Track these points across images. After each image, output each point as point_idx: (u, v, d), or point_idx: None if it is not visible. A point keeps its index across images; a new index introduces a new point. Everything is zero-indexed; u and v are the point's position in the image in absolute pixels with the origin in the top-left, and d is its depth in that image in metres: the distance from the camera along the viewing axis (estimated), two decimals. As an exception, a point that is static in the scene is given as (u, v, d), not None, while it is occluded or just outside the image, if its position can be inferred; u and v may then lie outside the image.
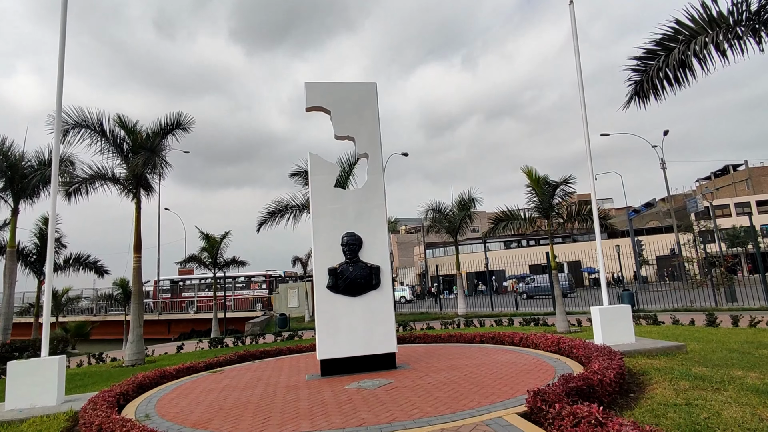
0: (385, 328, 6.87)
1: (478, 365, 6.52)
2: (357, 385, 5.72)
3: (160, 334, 34.81)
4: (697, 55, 9.25)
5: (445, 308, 27.46)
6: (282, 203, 17.07)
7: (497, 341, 8.71)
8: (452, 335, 9.64)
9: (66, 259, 23.33)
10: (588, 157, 8.75)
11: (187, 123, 14.83)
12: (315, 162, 7.20)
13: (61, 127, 13.34)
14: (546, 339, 7.46)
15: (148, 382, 6.80)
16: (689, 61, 9.44)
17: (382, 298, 6.95)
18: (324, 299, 6.82)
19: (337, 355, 6.69)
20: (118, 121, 14.11)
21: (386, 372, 6.57)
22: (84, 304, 38.29)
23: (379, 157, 7.36)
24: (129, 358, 13.27)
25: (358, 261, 6.97)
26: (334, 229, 7.03)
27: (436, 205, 24.27)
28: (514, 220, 13.91)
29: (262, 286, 37.60)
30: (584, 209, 13.36)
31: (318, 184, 7.14)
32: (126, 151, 14.22)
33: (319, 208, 7.08)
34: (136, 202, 14.32)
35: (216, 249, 24.64)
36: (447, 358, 7.43)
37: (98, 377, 11.30)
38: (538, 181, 13.43)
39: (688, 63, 9.48)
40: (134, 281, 14.07)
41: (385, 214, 7.22)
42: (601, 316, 7.65)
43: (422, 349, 8.75)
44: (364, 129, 7.36)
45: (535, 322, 15.28)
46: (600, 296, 8.52)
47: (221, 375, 7.60)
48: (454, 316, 22.30)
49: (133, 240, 14.20)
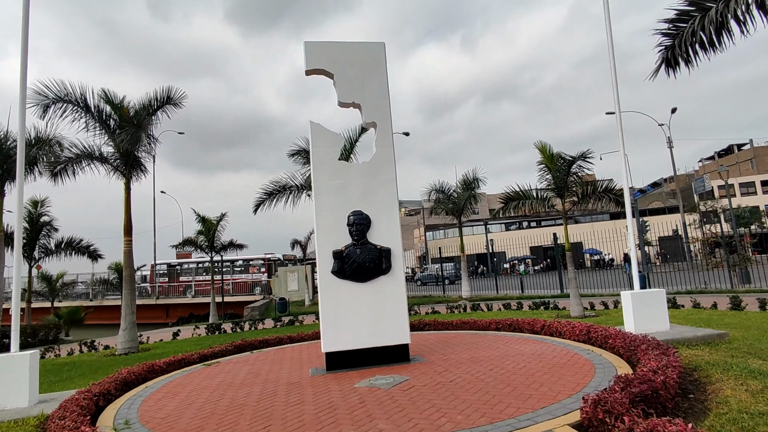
0: (396, 316, 6.17)
1: (502, 357, 5.84)
2: (368, 383, 5.03)
3: (158, 319, 34.34)
4: (737, 16, 8.40)
5: (448, 291, 26.90)
6: (280, 183, 16.24)
7: (515, 329, 8.04)
8: (465, 322, 8.98)
9: (58, 243, 22.60)
10: (618, 128, 7.96)
11: (178, 98, 13.94)
12: (317, 132, 6.39)
13: (41, 101, 12.51)
14: (573, 327, 6.78)
15: (134, 378, 6.11)
16: (727, 23, 8.59)
17: (393, 284, 6.24)
18: (328, 285, 6.10)
19: (344, 347, 6.00)
20: (103, 96, 13.21)
21: (399, 366, 5.89)
22: (81, 288, 37.72)
23: (389, 126, 6.55)
24: (121, 346, 12.64)
25: (366, 243, 6.23)
26: (338, 208, 6.27)
27: (440, 186, 23.50)
28: (526, 199, 13.15)
29: (260, 269, 37.02)
30: (600, 186, 12.60)
31: (320, 156, 6.35)
32: (113, 128, 13.35)
33: (321, 183, 6.30)
34: (125, 183, 13.51)
35: (212, 232, 23.89)
36: (464, 348, 6.76)
37: (87, 368, 10.67)
38: (552, 157, 12.63)
39: (726, 24, 8.62)
40: (125, 266, 13.35)
41: (395, 191, 6.45)
42: (633, 301, 6.96)
43: (434, 337, 8.08)
44: (371, 95, 6.53)
45: (545, 306, 14.67)
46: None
47: (216, 369, 6.93)
48: (458, 299, 21.71)
49: (123, 223, 13.44)
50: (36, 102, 12.25)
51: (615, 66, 7.90)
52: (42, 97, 12.26)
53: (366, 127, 6.58)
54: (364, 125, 6.61)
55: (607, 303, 13.77)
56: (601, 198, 12.61)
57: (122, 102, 13.38)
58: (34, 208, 21.64)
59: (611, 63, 7.94)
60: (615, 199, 12.45)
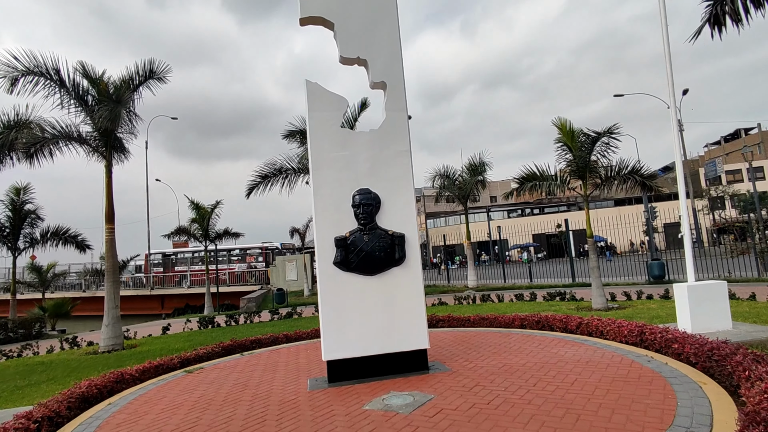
0: (413, 316, 5.10)
1: (542, 366, 4.79)
2: (382, 404, 3.98)
3: (153, 310, 33.41)
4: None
5: (453, 280, 25.90)
6: (275, 166, 15.05)
7: (544, 326, 6.99)
8: (484, 318, 7.93)
9: (44, 233, 21.47)
10: (671, 97, 6.84)
11: (162, 72, 12.73)
12: (315, 93, 5.24)
13: (9, 73, 11.28)
14: (619, 326, 5.72)
15: (95, 392, 5.05)
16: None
17: (408, 277, 5.15)
18: (330, 280, 5.02)
19: (349, 354, 4.94)
20: (80, 69, 11.98)
21: (417, 377, 4.84)
22: (73, 279, 36.71)
23: (402, 86, 5.40)
24: (104, 343, 11.62)
25: (375, 228, 5.13)
26: (341, 185, 5.16)
27: (445, 171, 22.36)
28: (544, 180, 12.02)
29: (258, 258, 36.02)
30: (626, 167, 11.46)
31: (319, 122, 5.21)
32: (91, 104, 12.15)
33: (321, 156, 5.18)
34: (105, 165, 12.35)
35: (207, 220, 22.78)
36: (491, 352, 5.71)
37: (62, 369, 9.63)
38: (573, 134, 11.49)
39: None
40: (107, 256, 12.25)
41: (410, 164, 5.33)
42: (690, 295, 5.90)
43: (450, 336, 7.04)
44: (380, 48, 5.38)
45: (561, 297, 13.66)
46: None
47: (198, 377, 5.87)
48: (464, 289, 20.72)
49: (105, 209, 12.31)
50: (3, 73, 11.04)
51: (666, 22, 6.74)
52: (9, 69, 11.04)
53: (373, 87, 5.44)
54: (372, 85, 5.46)
55: (629, 293, 12.75)
56: (627, 180, 11.49)
57: (102, 76, 12.17)
58: (16, 196, 20.49)
59: (662, 21, 6.77)
60: (642, 181, 11.33)
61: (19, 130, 13.82)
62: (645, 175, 11.33)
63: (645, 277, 17.77)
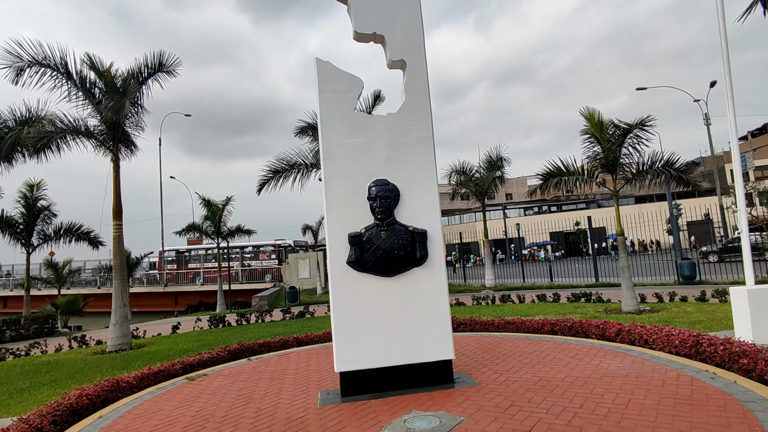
0: (436, 323, 4.53)
1: (586, 381, 4.18)
2: (403, 429, 3.42)
3: (167, 307, 33.39)
4: None
5: (469, 279, 25.21)
6: (287, 161, 14.56)
7: (578, 332, 6.36)
8: (509, 322, 7.31)
9: (57, 229, 21.40)
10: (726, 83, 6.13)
11: (171, 65, 12.31)
12: (326, 72, 4.69)
13: (14, 62, 10.97)
14: (668, 335, 5.06)
15: (86, 402, 4.60)
16: None
17: (430, 279, 4.58)
18: (342, 281, 4.47)
19: (365, 365, 4.39)
20: (87, 60, 11.64)
21: (441, 392, 4.27)
22: (88, 275, 36.93)
23: (423, 64, 4.82)
24: (112, 343, 11.28)
25: (393, 223, 4.57)
26: (355, 176, 4.61)
27: (461, 167, 21.65)
28: (569, 175, 11.30)
29: (271, 256, 35.73)
30: (659, 160, 10.68)
31: (330, 105, 4.66)
32: (98, 97, 11.81)
33: (333, 143, 4.63)
34: (112, 160, 12.01)
35: (218, 216, 22.47)
36: (522, 361, 5.11)
37: (68, 369, 9.30)
38: (602, 126, 10.76)
39: None
40: (115, 253, 11.92)
41: (433, 152, 4.75)
42: (751, 300, 5.21)
43: (474, 342, 6.45)
44: (398, 22, 4.81)
45: (586, 298, 12.93)
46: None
47: (200, 386, 5.39)
48: (481, 288, 20.05)
49: (112, 205, 11.98)
50: (8, 63, 10.74)
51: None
52: (15, 58, 10.74)
53: (392, 66, 4.87)
54: (390, 64, 4.89)
55: (660, 295, 11.97)
56: (660, 174, 10.71)
57: (109, 68, 11.82)
58: (30, 192, 20.44)
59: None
60: (678, 175, 10.54)
61: (30, 126, 13.61)
62: (681, 168, 10.54)
63: (673, 277, 16.91)
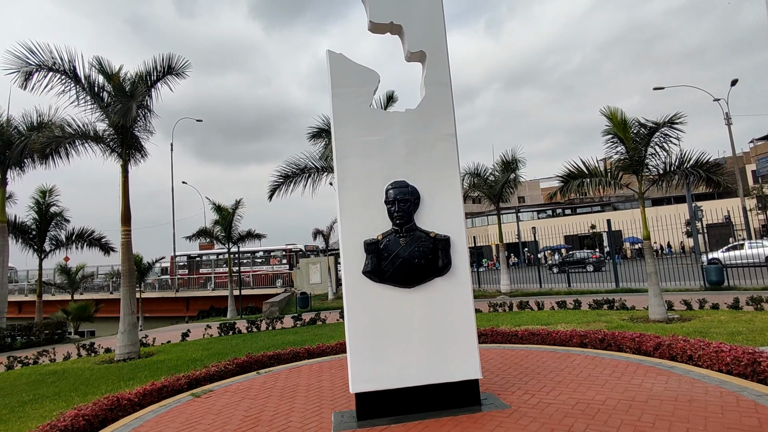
0: (460, 339, 4.11)
1: (630, 406, 3.72)
2: (429, 463, 3.01)
3: (178, 312, 33.37)
4: None
5: (483, 284, 24.65)
6: (298, 165, 14.24)
7: (611, 345, 5.88)
8: (534, 333, 6.85)
9: (69, 235, 21.41)
10: None
11: (181, 68, 12.10)
12: (339, 66, 4.33)
13: (22, 66, 10.83)
14: (717, 351, 4.57)
15: (82, 424, 4.26)
16: None
17: (454, 290, 4.17)
18: (358, 293, 4.08)
19: (382, 385, 3.99)
20: (96, 64, 11.46)
21: (467, 416, 3.85)
22: (101, 281, 37.12)
23: (445, 56, 4.43)
24: (120, 351, 11.02)
25: (413, 229, 4.18)
26: (371, 177, 4.23)
27: (475, 169, 21.19)
28: (592, 176, 10.80)
29: (282, 261, 35.52)
30: (688, 160, 10.13)
31: (344, 101, 4.29)
32: (107, 101, 11.63)
33: (346, 141, 4.25)
34: (121, 165, 11.79)
35: (229, 221, 22.29)
36: (554, 380, 4.66)
37: (74, 380, 9.02)
38: (625, 125, 10.26)
39: None
40: (123, 259, 11.67)
41: (456, 150, 4.35)
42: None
43: (498, 356, 6.01)
44: (417, 10, 4.43)
45: (609, 305, 12.37)
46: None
47: (205, 404, 5.03)
48: (496, 294, 19.53)
49: (121, 210, 11.74)
50: (16, 67, 10.61)
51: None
52: (23, 63, 10.60)
53: (410, 59, 4.49)
54: (408, 57, 4.51)
55: (689, 302, 11.36)
56: (689, 175, 10.16)
57: (118, 72, 11.63)
58: (42, 198, 20.47)
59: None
60: (707, 176, 9.98)
61: (40, 131, 13.53)
62: (711, 169, 9.98)
63: (698, 282, 16.24)
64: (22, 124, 16.92)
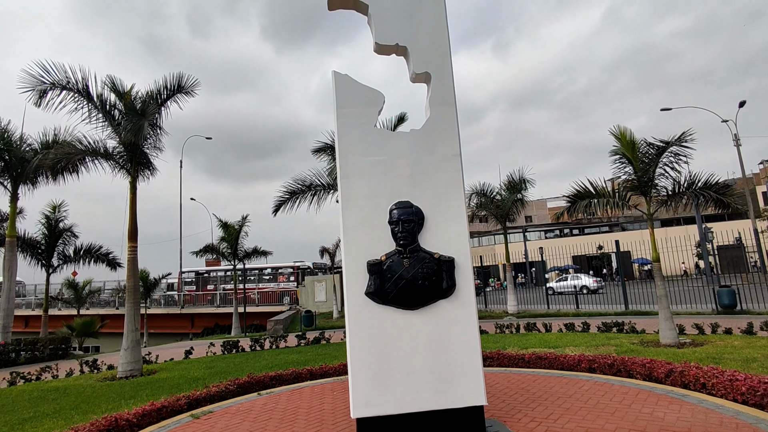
0: (464, 363, 4.02)
1: (641, 437, 3.59)
2: (431, 495, 2.89)
3: (183, 329, 33.23)
4: None
5: (489, 304, 24.35)
6: (304, 182, 14.31)
7: (620, 371, 5.72)
8: (541, 357, 6.69)
9: (76, 251, 21.56)
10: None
11: (190, 86, 12.29)
12: (344, 86, 4.35)
13: (37, 85, 11.07)
14: (732, 381, 4.42)
15: (78, 445, 4.19)
16: None
17: (459, 313, 4.09)
18: (360, 314, 4.02)
19: (384, 410, 3.89)
20: (109, 83, 11.68)
21: (472, 444, 3.73)
22: (107, 296, 37.20)
23: (449, 77, 4.45)
24: (122, 368, 10.94)
25: (417, 250, 4.13)
26: (375, 197, 4.20)
27: (482, 188, 21.15)
28: (599, 197, 10.71)
29: (290, 278, 35.44)
30: (697, 181, 10.02)
31: (349, 121, 4.30)
32: (118, 118, 11.81)
33: (350, 161, 4.25)
34: (130, 182, 11.90)
35: (235, 238, 22.33)
36: (561, 407, 4.52)
37: (75, 397, 8.93)
38: (634, 145, 10.21)
39: None
40: (128, 275, 11.67)
41: (461, 172, 4.32)
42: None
43: (504, 381, 5.86)
44: (422, 32, 4.46)
45: (618, 328, 12.13)
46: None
47: (204, 426, 4.93)
48: (503, 315, 19.26)
49: (128, 227, 11.79)
50: (31, 86, 10.84)
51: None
52: (38, 81, 10.83)
53: (415, 80, 4.52)
54: (413, 78, 4.53)
55: (701, 326, 11.09)
56: (698, 196, 10.04)
57: (130, 90, 11.85)
58: (53, 213, 20.70)
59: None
60: (717, 198, 9.85)
61: (53, 148, 13.75)
62: (721, 190, 9.86)
63: (710, 306, 15.92)
64: (36, 141, 17.25)
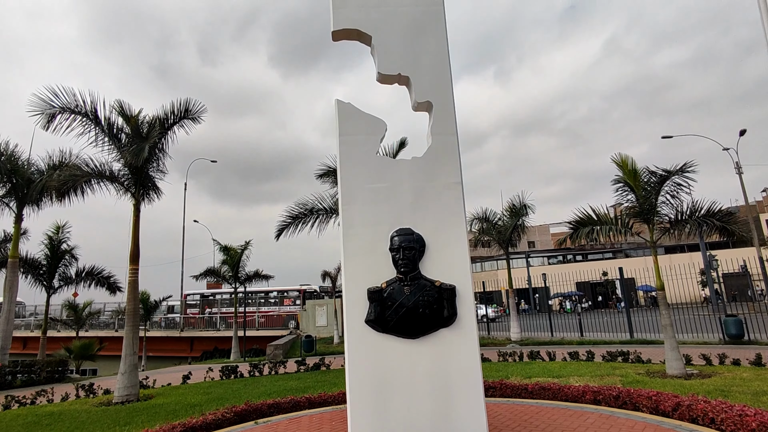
0: (466, 394, 3.93)
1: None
2: None
3: (182, 352, 32.81)
4: None
5: (492, 331, 24.00)
6: (306, 206, 14.38)
7: (626, 403, 5.58)
8: (545, 388, 6.56)
9: (77, 272, 21.52)
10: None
11: (197, 112, 12.52)
12: (346, 114, 4.42)
13: (45, 109, 11.28)
14: (741, 416, 4.30)
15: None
16: None
17: (460, 342, 4.03)
18: (360, 343, 3.97)
19: (384, 444, 3.79)
20: (117, 108, 11.90)
21: (473, 480, 3.61)
22: (106, 318, 36.95)
23: (451, 106, 4.51)
24: (119, 393, 10.75)
25: (418, 277, 4.10)
26: (376, 224, 4.21)
27: (484, 214, 21.19)
28: (602, 224, 10.68)
29: (296, 302, 35.14)
30: (699, 209, 10.00)
31: (350, 148, 4.34)
32: (124, 142, 11.98)
33: (352, 188, 4.27)
34: (134, 204, 11.99)
35: (236, 262, 22.29)
36: (565, 442, 4.40)
37: (68, 423, 8.76)
38: (636, 173, 10.25)
39: None
40: (128, 298, 11.62)
41: (462, 199, 4.34)
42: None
43: (507, 412, 5.73)
44: (424, 62, 4.55)
45: (623, 357, 11.90)
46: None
47: (198, 456, 4.82)
48: (506, 342, 18.97)
49: (130, 249, 11.83)
50: (40, 110, 11.04)
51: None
52: (47, 105, 11.04)
53: (417, 108, 4.58)
54: (415, 107, 4.60)
55: (708, 356, 10.87)
56: (701, 224, 10.01)
57: (137, 114, 12.06)
58: (56, 234, 20.76)
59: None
60: (721, 226, 9.81)
61: (59, 171, 13.91)
62: (725, 218, 9.83)
63: (716, 335, 15.66)
64: (42, 162, 17.46)
